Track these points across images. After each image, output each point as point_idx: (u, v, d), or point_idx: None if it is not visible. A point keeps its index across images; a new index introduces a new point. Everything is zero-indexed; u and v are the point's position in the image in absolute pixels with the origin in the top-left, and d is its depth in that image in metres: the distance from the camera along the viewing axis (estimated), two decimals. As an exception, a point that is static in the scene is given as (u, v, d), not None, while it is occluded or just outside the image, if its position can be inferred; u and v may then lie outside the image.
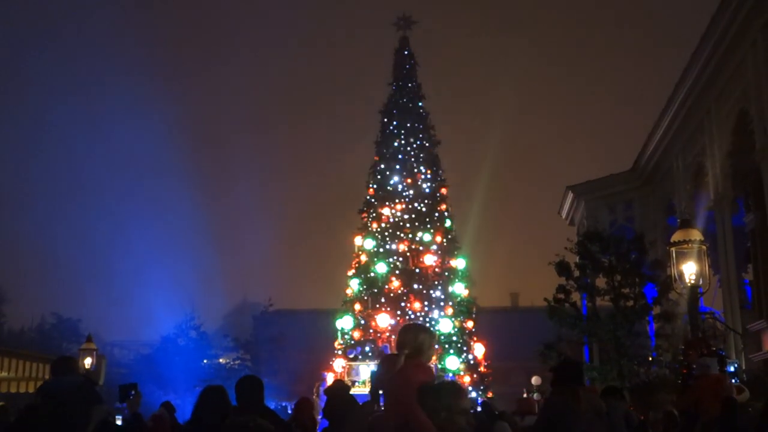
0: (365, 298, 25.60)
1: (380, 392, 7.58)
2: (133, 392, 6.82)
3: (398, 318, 24.65)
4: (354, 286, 26.11)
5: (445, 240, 26.59)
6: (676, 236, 12.77)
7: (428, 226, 26.33)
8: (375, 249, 26.19)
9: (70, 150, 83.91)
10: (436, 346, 24.21)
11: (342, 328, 25.60)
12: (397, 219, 26.53)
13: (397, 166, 27.42)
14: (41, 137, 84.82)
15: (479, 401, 22.07)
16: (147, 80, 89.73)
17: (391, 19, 30.04)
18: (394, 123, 28.28)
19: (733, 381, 11.07)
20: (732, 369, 11.51)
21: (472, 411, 13.31)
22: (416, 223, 26.31)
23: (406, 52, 29.66)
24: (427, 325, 24.61)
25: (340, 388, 8.59)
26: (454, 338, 24.87)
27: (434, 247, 26.10)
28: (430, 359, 5.84)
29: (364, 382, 20.97)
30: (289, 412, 15.65)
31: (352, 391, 9.45)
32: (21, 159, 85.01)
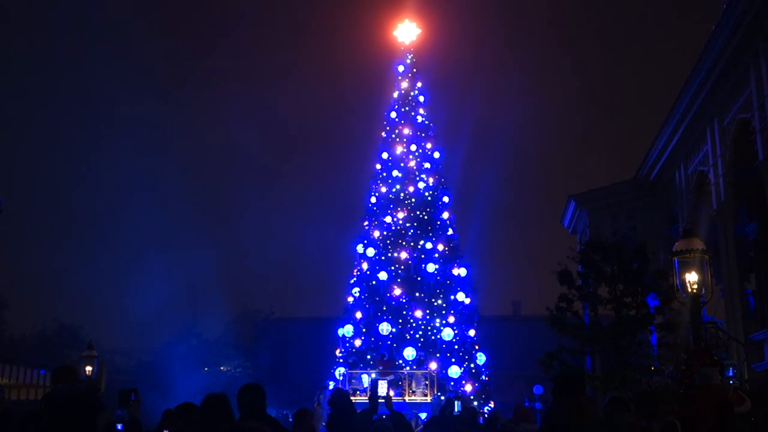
0: (367, 306, 25.59)
1: (379, 401, 7.57)
2: (133, 396, 6.79)
3: (399, 326, 24.64)
4: (355, 294, 26.10)
5: (447, 248, 26.58)
6: (679, 245, 12.72)
7: (430, 234, 26.33)
8: (377, 257, 26.19)
9: (69, 158, 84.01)
10: (438, 355, 24.31)
11: (343, 336, 25.58)
12: (398, 227, 26.53)
13: (399, 174, 27.44)
14: (39, 145, 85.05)
15: (487, 411, 22.02)
16: (149, 83, 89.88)
17: (395, 28, 30.18)
18: (396, 131, 28.33)
19: (732, 382, 11.03)
20: (731, 373, 11.47)
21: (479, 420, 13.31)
22: (418, 231, 26.32)
23: (408, 61, 29.77)
24: (429, 333, 24.76)
25: (340, 397, 8.60)
26: (456, 347, 24.84)
27: (436, 255, 26.09)
28: None
29: (366, 391, 20.95)
30: (290, 420, 15.61)
31: (355, 400, 9.46)
32: (22, 166, 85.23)
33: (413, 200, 26.94)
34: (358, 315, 25.44)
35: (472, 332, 25.78)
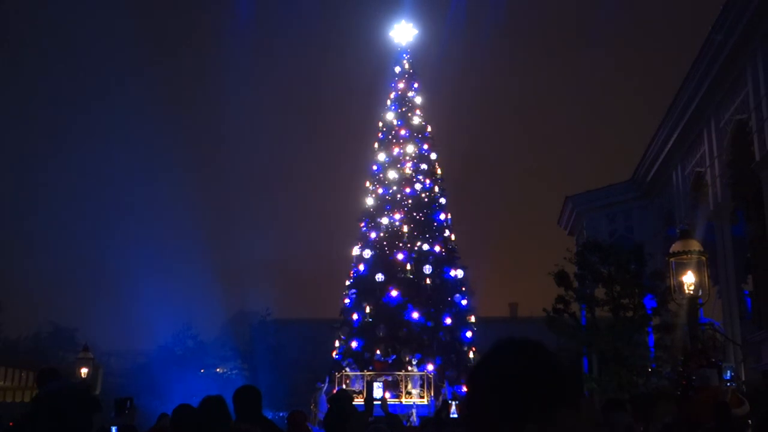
0: (363, 307, 25.54)
1: (374, 403, 7.51)
2: (129, 405, 6.74)
3: (396, 327, 24.59)
4: (352, 296, 26.06)
5: (444, 249, 26.54)
6: (676, 247, 12.71)
7: (427, 235, 26.30)
8: (373, 258, 26.14)
9: (65, 159, 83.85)
10: (435, 357, 24.23)
11: (340, 338, 25.52)
12: (395, 228, 26.49)
13: (396, 176, 27.40)
14: (39, 145, 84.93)
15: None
16: (147, 85, 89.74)
17: (392, 29, 30.15)
18: (393, 132, 28.30)
19: (730, 384, 10.98)
20: (728, 376, 11.43)
21: None
22: (415, 233, 26.28)
23: (405, 62, 29.73)
24: (425, 336, 24.69)
25: (343, 398, 8.52)
26: (453, 348, 24.79)
27: (432, 256, 26.04)
28: None
29: (361, 392, 20.90)
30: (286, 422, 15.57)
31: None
32: (20, 166, 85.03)
33: (410, 201, 26.90)
34: (355, 316, 25.39)
35: (469, 334, 25.74)
